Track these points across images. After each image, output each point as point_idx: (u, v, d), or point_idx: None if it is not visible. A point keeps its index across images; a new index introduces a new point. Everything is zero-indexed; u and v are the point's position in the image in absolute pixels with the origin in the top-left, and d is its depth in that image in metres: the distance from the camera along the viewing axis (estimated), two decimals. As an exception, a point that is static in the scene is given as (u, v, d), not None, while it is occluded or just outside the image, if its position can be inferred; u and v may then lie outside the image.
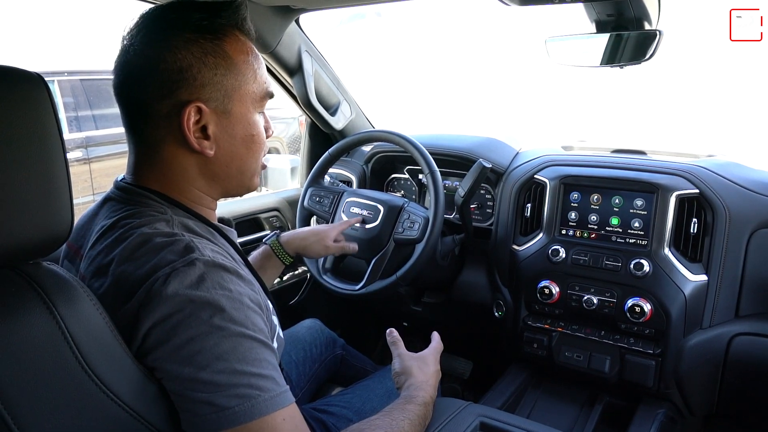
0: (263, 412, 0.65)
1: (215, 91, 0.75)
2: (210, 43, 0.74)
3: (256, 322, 0.69)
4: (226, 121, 0.77)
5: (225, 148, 0.79)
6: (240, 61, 0.77)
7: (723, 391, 1.30)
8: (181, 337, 0.64)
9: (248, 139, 0.81)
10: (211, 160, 0.79)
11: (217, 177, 0.81)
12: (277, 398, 0.67)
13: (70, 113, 4.29)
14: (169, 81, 0.73)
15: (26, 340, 0.56)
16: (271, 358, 0.69)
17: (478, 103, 8.35)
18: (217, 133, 0.77)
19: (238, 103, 0.78)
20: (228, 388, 0.64)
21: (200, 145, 0.76)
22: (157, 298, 0.65)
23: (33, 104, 0.57)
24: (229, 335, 0.65)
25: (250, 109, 0.80)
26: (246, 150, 0.81)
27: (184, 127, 0.74)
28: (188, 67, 0.73)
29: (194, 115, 0.74)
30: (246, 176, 0.84)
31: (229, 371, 0.64)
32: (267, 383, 0.67)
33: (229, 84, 0.76)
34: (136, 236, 0.70)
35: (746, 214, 1.25)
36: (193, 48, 0.73)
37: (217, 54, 0.75)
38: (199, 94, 0.74)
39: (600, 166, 1.40)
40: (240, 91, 0.77)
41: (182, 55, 0.73)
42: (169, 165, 0.78)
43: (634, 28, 1.19)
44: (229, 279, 0.69)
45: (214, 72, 0.75)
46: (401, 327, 2.04)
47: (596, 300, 1.33)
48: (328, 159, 1.54)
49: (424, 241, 1.33)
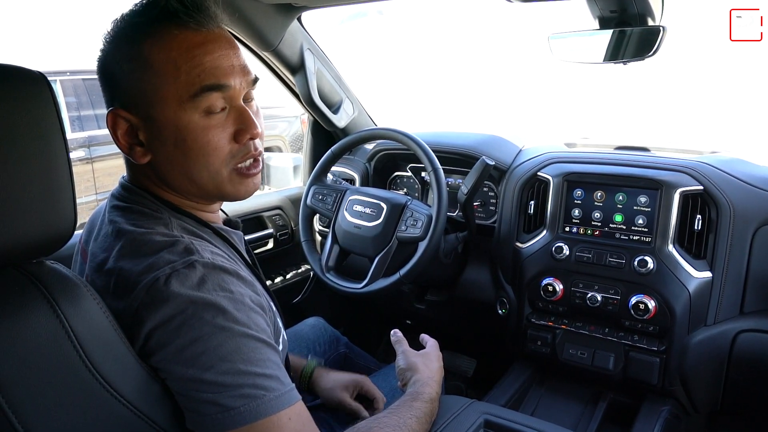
0: (269, 411, 0.65)
1: (136, 97, 0.72)
2: (127, 46, 0.71)
3: (259, 323, 0.69)
4: (152, 127, 0.72)
5: (161, 154, 0.74)
6: (158, 60, 0.70)
7: (727, 388, 1.29)
8: (184, 338, 0.64)
9: (181, 145, 0.72)
10: (155, 167, 0.76)
11: (172, 184, 0.77)
12: (283, 397, 0.67)
13: (73, 113, 4.30)
14: (105, 87, 0.75)
15: (30, 338, 0.56)
16: (275, 357, 0.69)
17: (481, 101, 8.33)
18: (149, 140, 0.73)
19: (159, 106, 0.71)
20: (233, 389, 0.64)
21: (131, 152, 0.74)
22: (158, 298, 0.65)
23: (36, 103, 0.57)
24: (232, 336, 0.65)
25: (176, 112, 0.71)
26: (183, 157, 0.73)
27: (110, 132, 0.73)
28: (111, 75, 0.73)
29: (121, 121, 0.73)
30: (201, 184, 0.76)
31: (234, 372, 0.64)
32: (272, 383, 0.66)
33: (148, 89, 0.71)
34: (136, 234, 0.71)
35: (751, 211, 1.24)
36: (115, 55, 0.72)
37: (133, 58, 0.70)
38: (122, 101, 0.73)
39: (603, 162, 1.40)
40: (159, 93, 0.70)
41: (108, 63, 0.73)
42: (134, 170, 0.79)
43: (638, 24, 1.18)
44: (230, 280, 0.69)
45: (130, 77, 0.71)
46: (404, 325, 2.04)
47: (600, 297, 1.33)
48: (331, 157, 1.54)
49: (427, 239, 1.32)
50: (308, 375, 1.18)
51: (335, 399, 1.13)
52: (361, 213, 1.42)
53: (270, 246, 1.80)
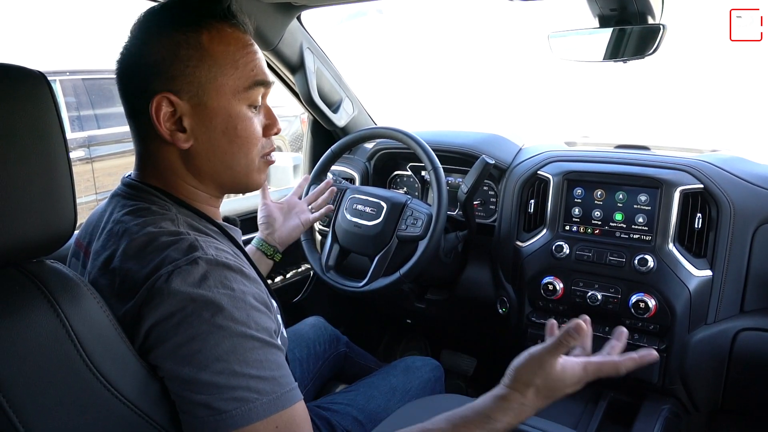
0: (260, 416, 0.64)
1: (188, 83, 0.75)
2: (184, 35, 0.74)
3: (260, 321, 0.69)
4: (202, 113, 0.76)
5: (204, 141, 0.77)
6: (217, 52, 0.75)
7: (728, 387, 1.29)
8: (182, 335, 0.64)
9: (230, 132, 0.78)
10: (193, 154, 0.78)
11: (204, 172, 0.80)
12: (278, 400, 0.66)
13: (72, 113, 4.30)
14: (145, 75, 0.75)
15: (30, 338, 0.56)
16: (276, 357, 0.69)
17: (481, 100, 8.33)
18: (194, 126, 0.76)
19: (214, 94, 0.76)
20: (226, 391, 0.64)
21: (173, 136, 0.76)
22: (159, 295, 0.65)
23: (35, 102, 0.57)
24: (230, 335, 0.65)
25: (231, 101, 0.77)
26: (228, 143, 0.79)
27: (153, 117, 0.74)
28: (161, 60, 0.74)
29: (166, 106, 0.74)
30: (236, 171, 0.82)
31: (228, 372, 0.64)
32: (267, 385, 0.66)
33: (203, 76, 0.75)
34: (142, 235, 0.70)
35: (751, 209, 1.24)
36: (167, 41, 0.74)
37: (191, 46, 0.74)
38: (170, 86, 0.74)
39: (603, 161, 1.40)
40: (216, 82, 0.76)
41: (156, 49, 0.74)
42: (158, 160, 0.79)
43: (638, 22, 1.18)
44: (233, 278, 0.69)
45: (185, 64, 0.74)
46: (405, 324, 2.04)
47: (600, 296, 1.33)
48: (331, 156, 1.54)
49: (427, 238, 1.32)
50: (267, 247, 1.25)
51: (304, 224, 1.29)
52: (361, 212, 1.42)
53: None
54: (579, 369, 0.74)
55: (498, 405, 0.73)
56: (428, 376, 1.32)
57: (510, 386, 0.74)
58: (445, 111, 7.99)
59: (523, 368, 0.74)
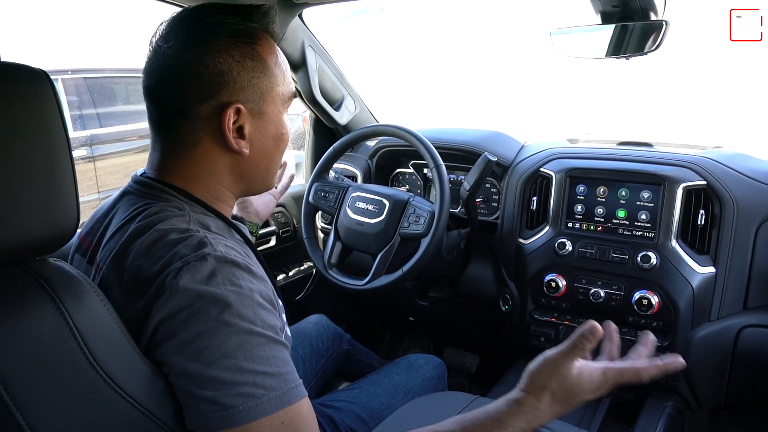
0: (266, 411, 0.65)
1: (252, 93, 0.78)
2: (247, 46, 0.78)
3: (266, 319, 0.69)
4: (260, 122, 0.81)
5: (258, 147, 0.82)
6: (271, 63, 0.80)
7: (731, 384, 1.29)
8: (189, 332, 0.64)
9: (278, 137, 0.84)
10: (244, 159, 0.82)
11: (246, 175, 0.84)
12: (284, 396, 0.67)
13: (75, 111, 4.30)
14: (210, 83, 0.75)
15: (34, 336, 0.56)
16: (281, 353, 0.69)
17: (483, 97, 8.32)
18: (252, 133, 0.80)
19: (271, 103, 0.81)
20: (233, 387, 0.64)
21: (238, 145, 0.79)
22: (167, 291, 0.65)
23: (37, 100, 0.57)
24: (236, 332, 0.65)
25: (280, 109, 0.83)
26: (275, 148, 0.85)
27: (225, 128, 0.77)
28: (228, 71, 0.76)
29: (233, 116, 0.77)
30: (270, 173, 0.88)
31: (235, 369, 0.64)
32: (273, 381, 0.66)
33: (264, 86, 0.79)
34: (153, 232, 0.71)
35: (754, 205, 1.24)
36: (233, 51, 0.76)
37: (254, 57, 0.78)
38: (238, 96, 0.77)
39: (606, 158, 1.39)
40: (273, 92, 0.81)
41: (223, 58, 0.75)
42: (200, 163, 0.80)
43: (640, 18, 1.17)
44: (240, 275, 0.69)
45: (251, 75, 0.78)
46: (407, 322, 2.04)
47: (603, 293, 1.32)
48: (333, 154, 1.54)
49: (429, 235, 1.32)
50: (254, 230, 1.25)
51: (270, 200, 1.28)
52: (364, 210, 1.42)
53: (272, 243, 1.80)
54: (598, 374, 0.70)
55: (511, 409, 0.70)
56: (431, 374, 1.33)
57: (525, 390, 0.71)
58: (447, 108, 7.98)
59: (538, 372, 0.71)
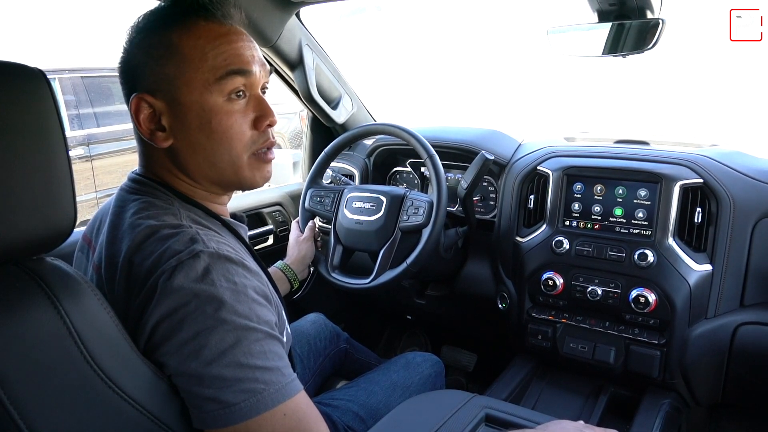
0: (269, 405, 0.65)
1: (161, 82, 0.76)
2: (157, 36, 0.76)
3: (261, 314, 0.69)
4: (177, 110, 0.76)
5: (182, 138, 0.77)
6: (187, 47, 0.75)
7: (728, 381, 1.29)
8: (187, 332, 0.64)
9: (205, 127, 0.76)
10: (175, 152, 0.79)
11: (190, 169, 0.80)
12: (283, 390, 0.67)
13: (72, 111, 4.29)
14: (130, 78, 0.78)
15: (31, 335, 0.56)
16: (277, 348, 0.69)
17: (480, 96, 8.32)
18: (171, 124, 0.77)
19: (185, 90, 0.75)
20: (234, 383, 0.64)
21: (153, 136, 0.78)
22: (163, 292, 0.65)
23: (34, 99, 0.57)
24: (233, 329, 0.65)
25: (203, 95, 0.75)
26: (207, 139, 0.77)
27: (133, 118, 0.77)
28: (138, 64, 0.77)
29: (144, 107, 0.76)
30: (221, 168, 0.79)
31: (235, 365, 0.65)
32: (272, 376, 0.67)
33: (174, 72, 0.75)
34: (144, 228, 0.71)
35: (751, 203, 1.24)
36: (142, 44, 0.77)
37: (162, 45, 0.75)
38: (146, 86, 0.76)
39: (603, 156, 1.40)
40: (186, 76, 0.75)
41: (134, 53, 0.77)
42: (150, 158, 0.81)
43: (637, 17, 1.18)
44: (235, 270, 0.69)
45: (157, 63, 0.75)
46: (405, 321, 2.04)
47: (600, 291, 1.33)
48: (325, 158, 1.53)
49: (430, 224, 1.32)
50: (290, 271, 1.34)
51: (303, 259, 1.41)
52: (362, 208, 1.42)
53: (270, 242, 1.80)
54: None
55: None
56: (429, 372, 1.33)
57: None
58: (445, 107, 7.98)
59: None
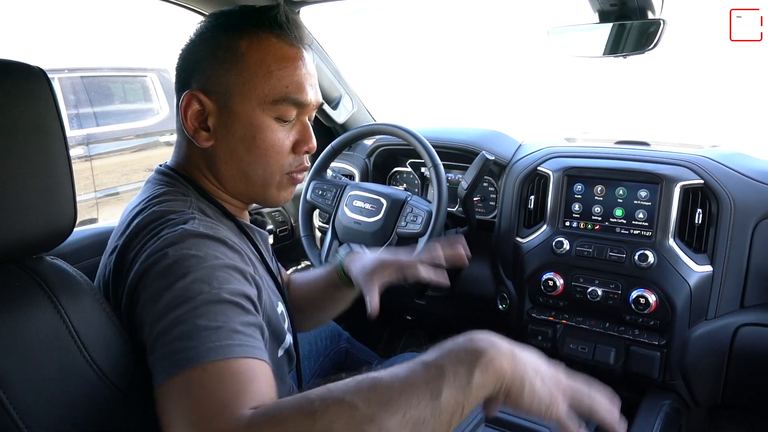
0: (200, 359, 0.56)
1: (218, 85, 0.77)
2: (225, 38, 0.77)
3: (225, 282, 0.64)
4: (225, 116, 0.77)
5: (223, 143, 0.79)
6: (252, 59, 0.76)
7: (728, 382, 1.29)
8: (148, 290, 0.63)
9: (248, 140, 0.78)
10: (212, 154, 0.80)
11: (222, 175, 0.81)
12: (223, 349, 0.57)
13: (71, 110, 4.29)
14: (186, 71, 0.79)
15: (31, 334, 0.56)
16: (236, 314, 0.62)
17: (481, 96, 8.32)
18: (216, 127, 0.78)
19: (240, 99, 0.77)
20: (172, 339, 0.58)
21: (195, 133, 0.78)
22: (137, 259, 0.66)
23: (34, 98, 0.57)
24: (187, 289, 0.61)
25: (255, 110, 0.77)
26: (246, 152, 0.79)
27: (181, 112, 0.77)
28: (199, 59, 0.78)
29: (195, 104, 0.77)
30: (252, 182, 0.81)
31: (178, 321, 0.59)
32: (213, 334, 0.58)
33: (231, 79, 0.76)
34: (150, 213, 0.72)
35: (751, 204, 1.24)
36: (209, 42, 0.78)
37: (229, 49, 0.76)
38: (202, 84, 0.77)
39: (604, 157, 1.40)
40: (244, 87, 0.76)
41: (198, 48, 0.78)
42: (186, 153, 0.83)
43: (638, 17, 1.18)
44: (209, 244, 0.66)
45: (219, 65, 0.76)
46: (405, 321, 2.04)
47: (601, 292, 1.33)
48: (331, 152, 1.54)
49: (427, 235, 1.32)
50: (342, 272, 1.07)
51: (367, 287, 1.04)
52: (361, 209, 1.42)
53: (270, 242, 1.80)
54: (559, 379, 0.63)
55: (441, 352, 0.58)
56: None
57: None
58: (445, 107, 7.98)
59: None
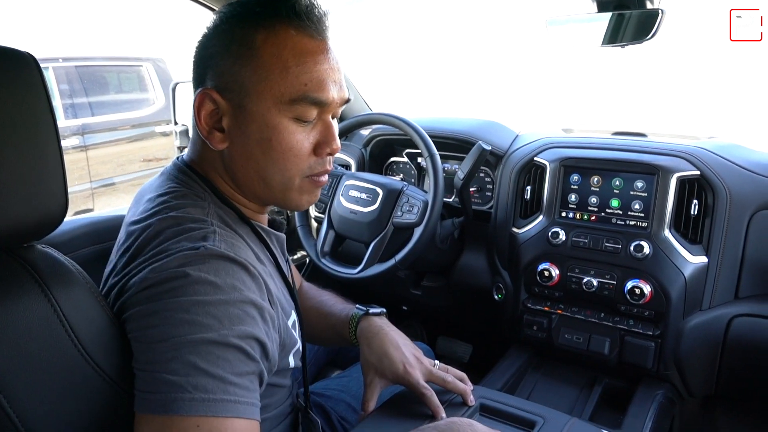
0: (183, 410, 0.57)
1: (232, 83, 0.71)
2: (240, 31, 0.70)
3: (237, 321, 0.62)
4: (241, 117, 0.71)
5: (239, 145, 0.73)
6: (268, 54, 0.69)
7: (722, 373, 1.30)
8: (149, 306, 0.61)
9: (264, 143, 0.72)
10: (228, 156, 0.75)
11: (239, 178, 0.76)
12: (212, 403, 0.58)
13: (66, 100, 4.26)
14: (201, 68, 0.74)
15: (22, 324, 0.56)
16: (235, 359, 0.61)
17: (478, 86, 8.30)
18: (231, 128, 0.72)
19: (255, 99, 0.70)
20: (161, 373, 0.58)
21: (209, 135, 0.73)
22: (147, 266, 0.64)
23: (24, 84, 0.56)
24: (193, 322, 0.60)
25: (270, 110, 0.71)
26: (262, 154, 0.72)
27: (195, 112, 0.72)
28: (213, 55, 0.72)
29: (208, 103, 0.72)
30: (270, 186, 0.75)
31: (173, 357, 0.58)
32: (208, 383, 0.58)
33: (246, 76, 0.70)
34: (168, 218, 0.69)
35: (747, 196, 1.24)
36: (224, 35, 0.72)
37: (243, 44, 0.70)
38: (216, 81, 0.72)
39: (600, 148, 1.39)
40: (259, 86, 0.70)
41: (213, 42, 0.72)
42: (201, 152, 0.78)
43: (636, 7, 1.17)
44: (229, 268, 0.64)
45: (234, 61, 0.70)
46: (401, 311, 2.04)
47: (596, 282, 1.33)
48: None
49: (422, 225, 1.32)
50: (353, 335, 1.01)
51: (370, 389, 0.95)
52: (357, 198, 1.42)
53: None
54: None
55: None
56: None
57: None
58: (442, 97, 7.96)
59: None
